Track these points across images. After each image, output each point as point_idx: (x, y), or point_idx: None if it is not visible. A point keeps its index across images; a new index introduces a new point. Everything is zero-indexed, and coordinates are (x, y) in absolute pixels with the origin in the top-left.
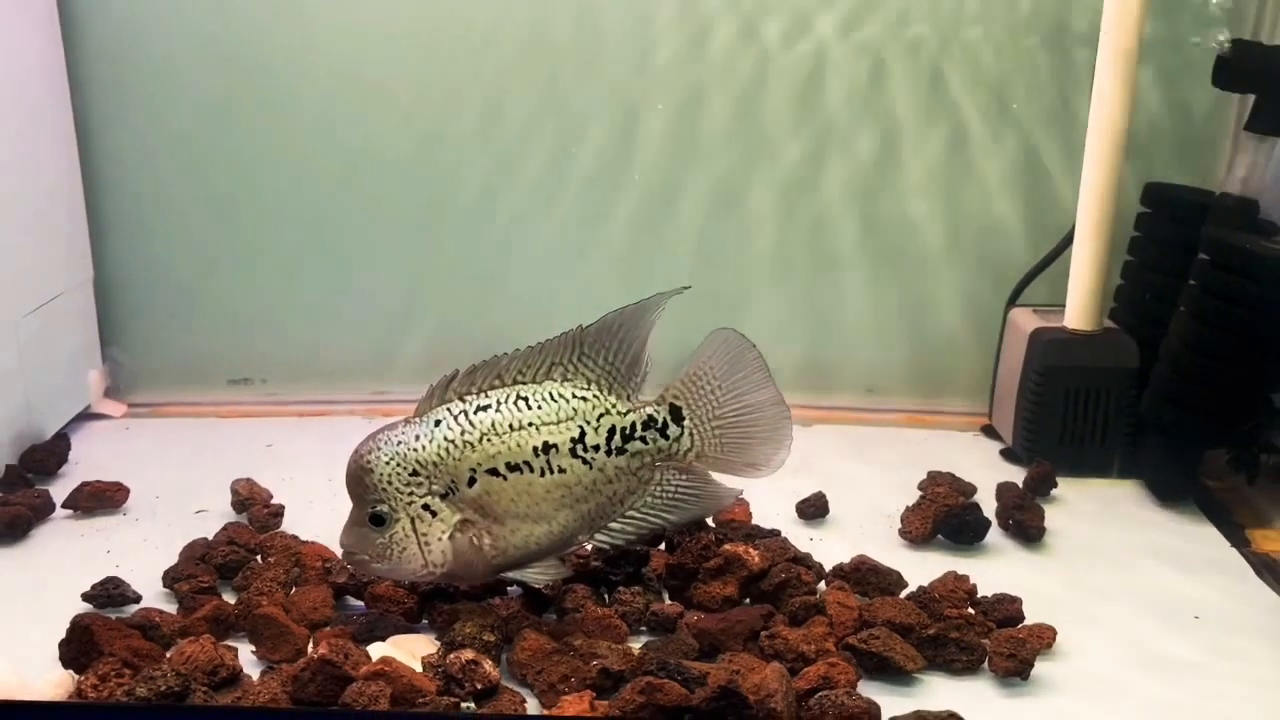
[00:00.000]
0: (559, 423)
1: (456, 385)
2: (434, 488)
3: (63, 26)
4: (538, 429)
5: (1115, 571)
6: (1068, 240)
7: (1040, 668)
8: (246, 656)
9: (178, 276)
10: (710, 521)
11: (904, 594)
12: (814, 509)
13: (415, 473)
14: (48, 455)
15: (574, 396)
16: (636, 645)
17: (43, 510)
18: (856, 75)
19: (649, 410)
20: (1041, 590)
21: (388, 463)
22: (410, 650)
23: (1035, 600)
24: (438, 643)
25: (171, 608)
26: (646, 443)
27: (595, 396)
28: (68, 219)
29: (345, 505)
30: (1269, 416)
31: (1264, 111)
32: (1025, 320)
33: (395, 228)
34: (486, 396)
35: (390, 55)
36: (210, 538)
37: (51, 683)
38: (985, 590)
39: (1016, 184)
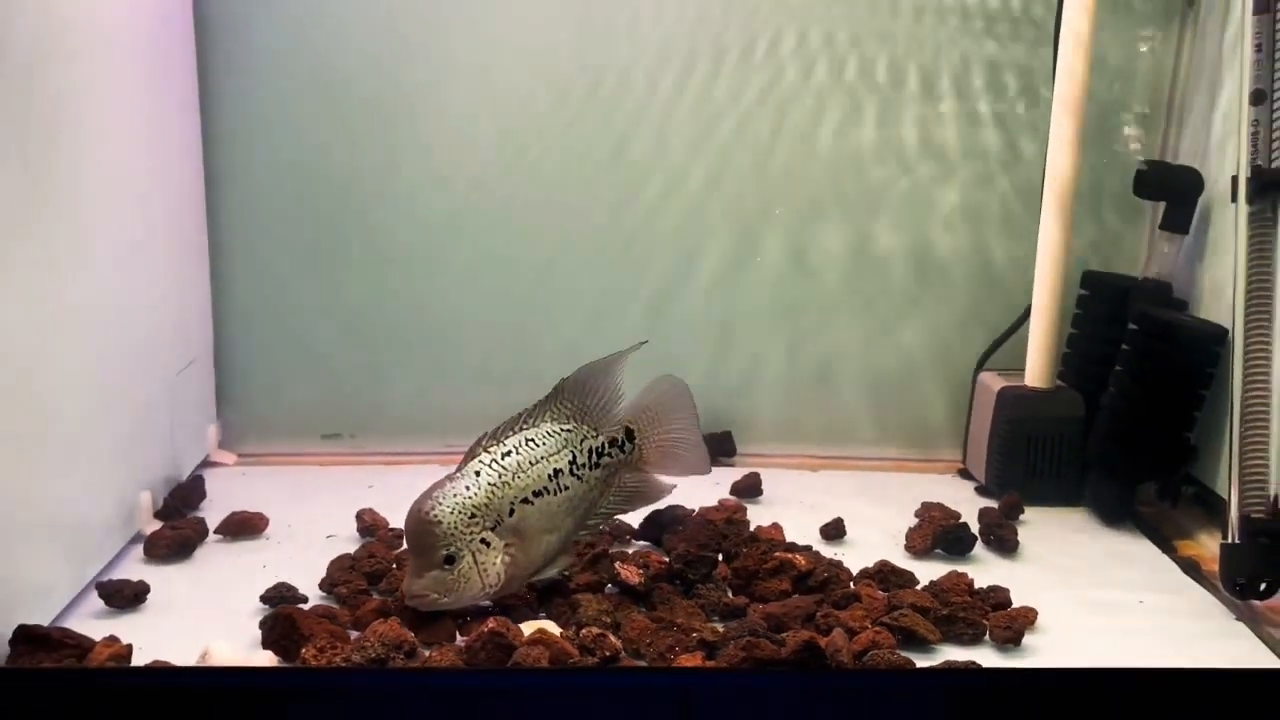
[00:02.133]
0: (558, 452)
1: (485, 442)
2: (486, 524)
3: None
4: (548, 460)
5: (1076, 572)
6: (1024, 317)
7: (1028, 638)
8: None
9: (278, 347)
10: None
11: (918, 588)
12: (834, 530)
13: (473, 515)
14: (190, 492)
15: (562, 430)
16: (718, 627)
17: (201, 534)
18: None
19: (610, 432)
20: (1022, 585)
21: (451, 512)
22: (540, 631)
23: (1018, 592)
24: (559, 627)
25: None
26: (613, 456)
27: (575, 427)
28: (200, 298)
29: None
30: (1187, 454)
31: (1172, 215)
32: (992, 381)
33: (470, 295)
34: (504, 445)
35: (503, 123)
36: (352, 553)
37: (260, 660)
38: (979, 585)
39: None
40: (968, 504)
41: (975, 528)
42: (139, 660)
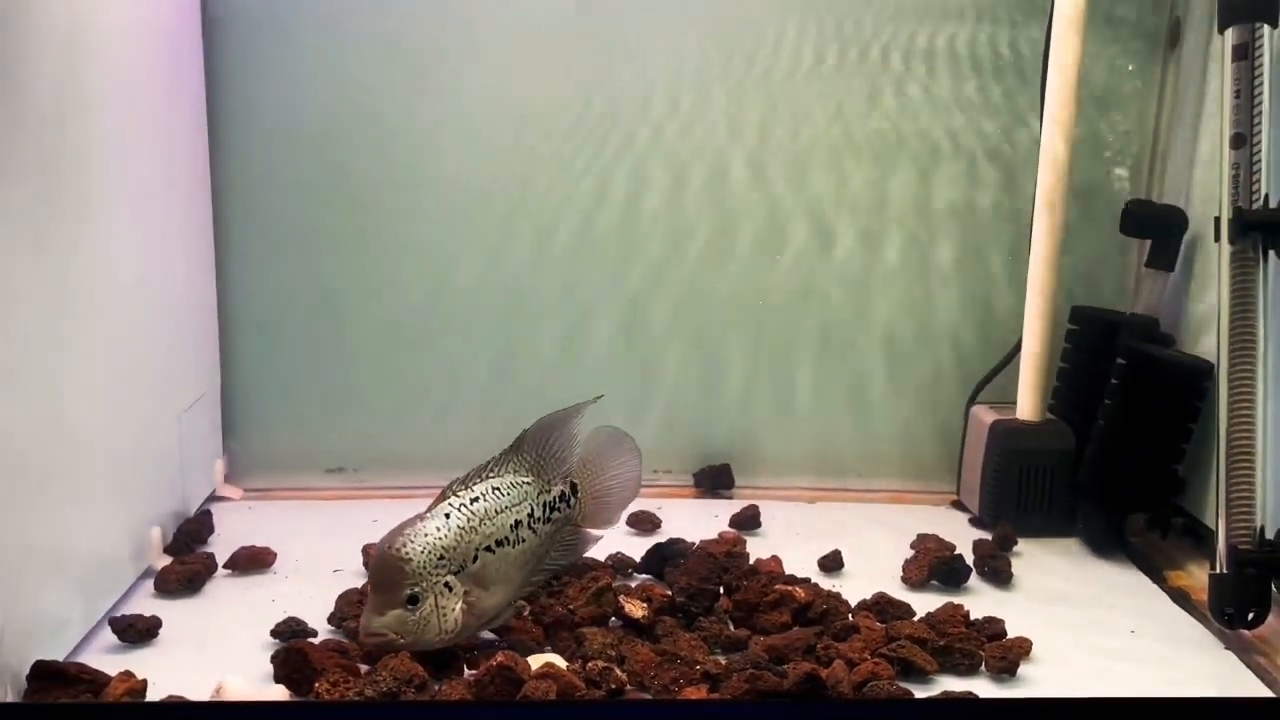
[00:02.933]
0: (519, 504)
1: (455, 487)
2: (450, 568)
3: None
4: (511, 510)
5: (1069, 603)
6: (1015, 351)
7: (1023, 669)
8: None
9: (283, 383)
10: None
11: (915, 619)
12: (833, 563)
13: (441, 557)
14: (199, 527)
15: (523, 482)
16: (720, 660)
17: (210, 569)
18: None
19: (560, 487)
20: (1016, 616)
21: (421, 552)
22: (547, 664)
23: (1012, 623)
24: (565, 660)
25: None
26: (561, 511)
27: (534, 480)
28: (208, 336)
29: None
30: (1175, 486)
31: (1158, 252)
32: (985, 415)
33: (473, 331)
34: (473, 491)
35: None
36: (359, 587)
37: (273, 695)
38: (975, 616)
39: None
40: (962, 535)
41: (970, 559)
42: (153, 695)
